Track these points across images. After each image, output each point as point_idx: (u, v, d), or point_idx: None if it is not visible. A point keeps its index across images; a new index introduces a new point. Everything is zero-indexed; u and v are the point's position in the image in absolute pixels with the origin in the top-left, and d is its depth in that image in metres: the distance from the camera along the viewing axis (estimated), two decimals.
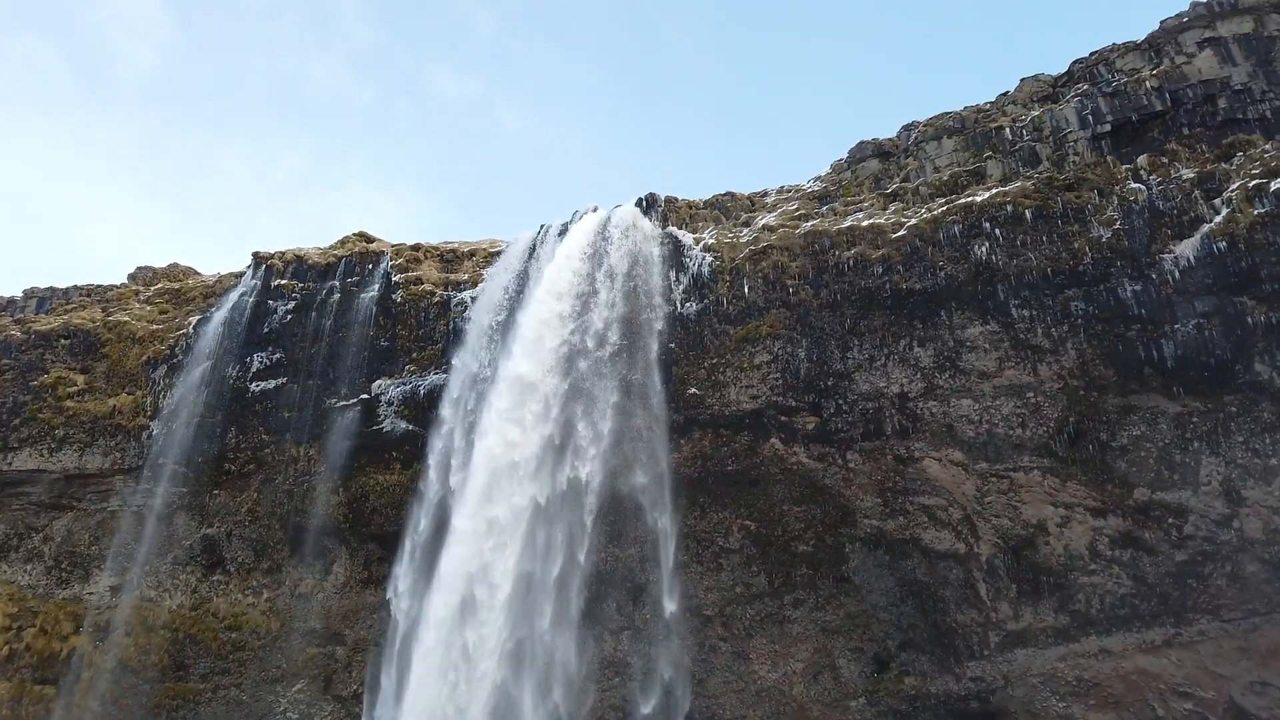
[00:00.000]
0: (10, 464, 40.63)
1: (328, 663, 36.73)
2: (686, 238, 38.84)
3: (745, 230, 39.49)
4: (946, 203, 35.43)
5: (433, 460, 37.11)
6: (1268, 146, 31.68)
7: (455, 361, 38.57)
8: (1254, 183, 29.95)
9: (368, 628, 36.76)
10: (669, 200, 41.99)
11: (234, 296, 43.63)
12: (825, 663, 32.76)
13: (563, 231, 40.82)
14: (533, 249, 41.15)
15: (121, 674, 36.81)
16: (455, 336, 39.61)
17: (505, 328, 38.41)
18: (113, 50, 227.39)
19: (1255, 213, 29.24)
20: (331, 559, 38.33)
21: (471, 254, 44.23)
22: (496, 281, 40.85)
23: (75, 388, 42.31)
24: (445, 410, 37.69)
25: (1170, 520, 28.66)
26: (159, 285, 49.74)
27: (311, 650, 36.87)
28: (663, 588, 33.80)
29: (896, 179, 40.27)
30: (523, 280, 40.04)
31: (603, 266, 38.26)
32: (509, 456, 35.25)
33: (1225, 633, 27.74)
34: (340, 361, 40.27)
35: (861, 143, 43.55)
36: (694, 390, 35.05)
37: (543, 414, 35.80)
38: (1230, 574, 27.78)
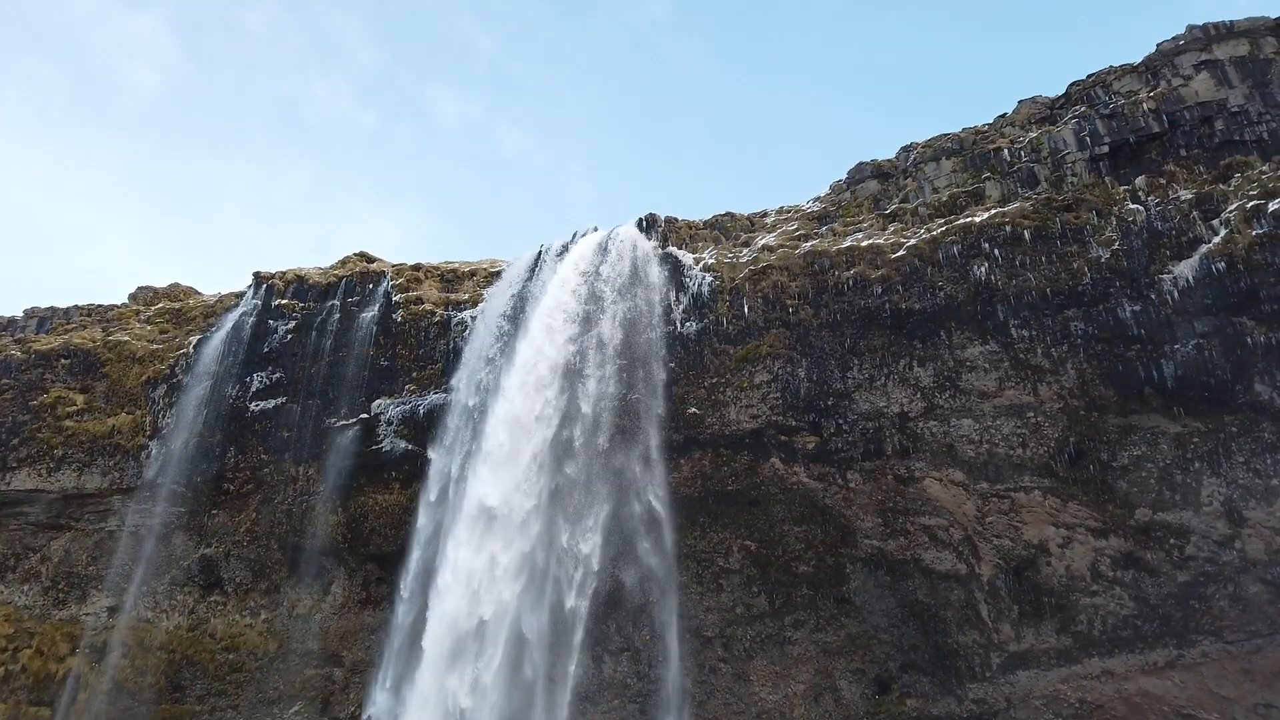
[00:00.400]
0: (9, 484, 40.54)
1: (325, 684, 36.45)
2: (686, 258, 38.92)
3: (745, 250, 39.59)
4: (945, 223, 35.55)
5: (404, 592, 34.86)
6: (1265, 168, 31.82)
7: (432, 472, 36.68)
8: (1252, 204, 30.05)
9: (365, 649, 36.51)
10: (669, 220, 42.13)
11: (234, 316, 43.70)
12: (826, 684, 32.52)
13: (563, 251, 40.87)
14: (531, 274, 41.02)
15: (117, 695, 36.55)
16: (447, 362, 39.51)
17: (480, 417, 36.22)
18: (117, 73, 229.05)
19: (1253, 233, 29.32)
20: (330, 579, 38.15)
21: (472, 274, 44.34)
22: (494, 304, 40.71)
23: (75, 407, 42.27)
24: (422, 518, 35.83)
25: (1172, 541, 28.55)
26: (159, 305, 49.86)
27: (309, 671, 36.61)
28: (669, 705, 32.26)
29: (895, 200, 40.43)
30: (509, 351, 37.38)
31: (594, 334, 36.25)
32: (473, 619, 32.50)
33: (1228, 654, 27.56)
34: (340, 381, 40.25)
35: (860, 164, 43.76)
36: (694, 410, 35.01)
37: (517, 539, 33.36)
38: (1232, 595, 27.64)
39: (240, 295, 45.86)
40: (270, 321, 42.52)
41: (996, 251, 33.09)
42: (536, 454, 34.78)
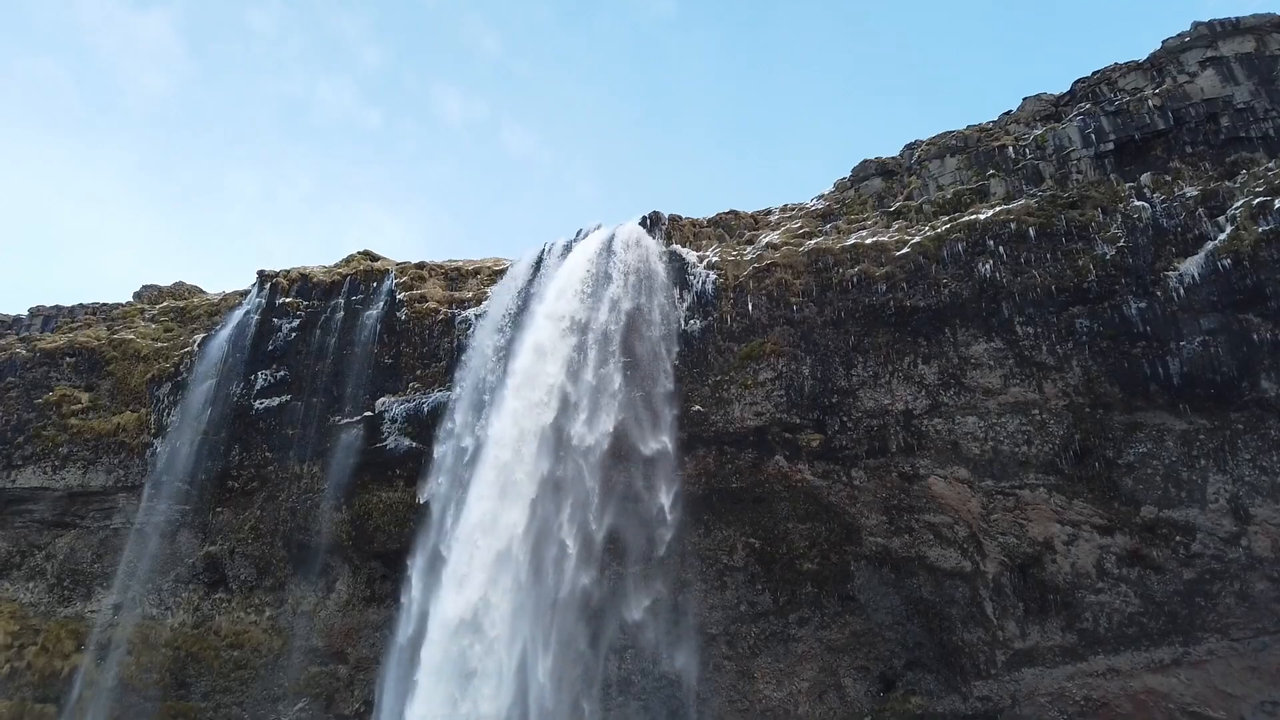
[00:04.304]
0: (14, 481, 40.70)
1: (330, 681, 36.50)
2: (690, 255, 38.85)
3: (749, 248, 39.53)
4: (950, 221, 35.46)
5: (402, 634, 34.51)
6: (1271, 164, 31.72)
7: (434, 467, 36.93)
8: (1258, 200, 29.95)
9: (370, 646, 36.55)
10: (673, 219, 42.04)
11: (239, 314, 43.75)
12: (831, 682, 32.48)
13: (566, 250, 40.78)
14: (534, 272, 40.91)
15: (123, 692, 36.64)
16: (451, 360, 39.46)
17: (484, 414, 36.15)
18: (123, 75, 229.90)
19: (1259, 230, 29.21)
20: (334, 577, 38.20)
21: (476, 272, 44.32)
22: (498, 302, 40.62)
23: (79, 405, 42.42)
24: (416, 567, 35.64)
25: (1178, 538, 28.45)
26: (164, 304, 50.06)
27: (313, 669, 36.65)
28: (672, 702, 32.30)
29: (900, 197, 40.33)
30: (513, 348, 37.20)
31: (597, 331, 36.18)
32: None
33: (1234, 652, 27.45)
34: (344, 379, 40.27)
35: (865, 161, 43.68)
36: (698, 407, 34.99)
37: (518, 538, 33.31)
38: (1239, 592, 27.53)
39: (244, 294, 45.93)
40: (274, 320, 42.54)
41: (1001, 249, 33.00)
42: (538, 448, 34.63)
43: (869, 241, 36.06)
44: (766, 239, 40.12)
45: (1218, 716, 27.31)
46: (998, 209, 34.67)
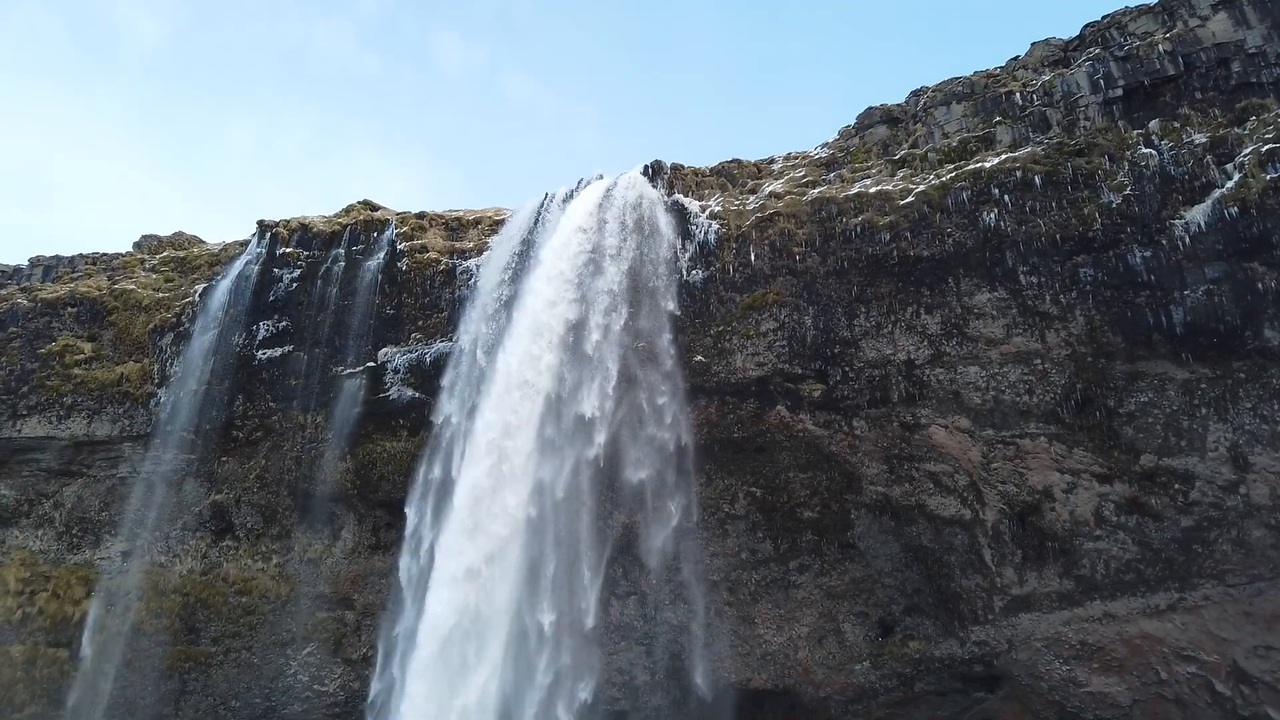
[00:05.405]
0: (19, 431, 40.94)
1: (337, 627, 37.12)
2: (693, 205, 38.51)
3: (752, 198, 39.18)
4: (955, 169, 35.07)
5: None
6: None
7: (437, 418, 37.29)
8: (1267, 147, 29.53)
9: (376, 593, 37.09)
10: (675, 168, 41.61)
11: (239, 265, 43.58)
12: (830, 627, 32.97)
13: (568, 199, 40.49)
14: (535, 222, 40.57)
15: (134, 637, 37.29)
16: (453, 311, 39.40)
17: (487, 364, 36.50)
18: (117, 22, 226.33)
19: (1267, 178, 28.83)
20: (339, 525, 38.60)
21: (477, 222, 44.06)
22: (499, 252, 40.40)
23: (83, 355, 42.50)
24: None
25: (1176, 486, 28.60)
26: (164, 254, 49.84)
27: (321, 614, 37.24)
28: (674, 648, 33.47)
29: (905, 145, 39.86)
30: (514, 299, 37.26)
31: (599, 281, 36.08)
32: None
33: (1230, 597, 27.78)
34: (346, 329, 40.27)
35: (869, 109, 43.09)
36: (700, 358, 35.00)
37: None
38: (1236, 539, 27.76)
39: (245, 244, 45.69)
40: (275, 270, 42.40)
41: (1006, 197, 32.65)
42: (540, 401, 34.68)
43: (873, 190, 35.72)
44: (769, 188, 39.76)
45: (1211, 660, 27.76)
46: (1004, 157, 34.27)
